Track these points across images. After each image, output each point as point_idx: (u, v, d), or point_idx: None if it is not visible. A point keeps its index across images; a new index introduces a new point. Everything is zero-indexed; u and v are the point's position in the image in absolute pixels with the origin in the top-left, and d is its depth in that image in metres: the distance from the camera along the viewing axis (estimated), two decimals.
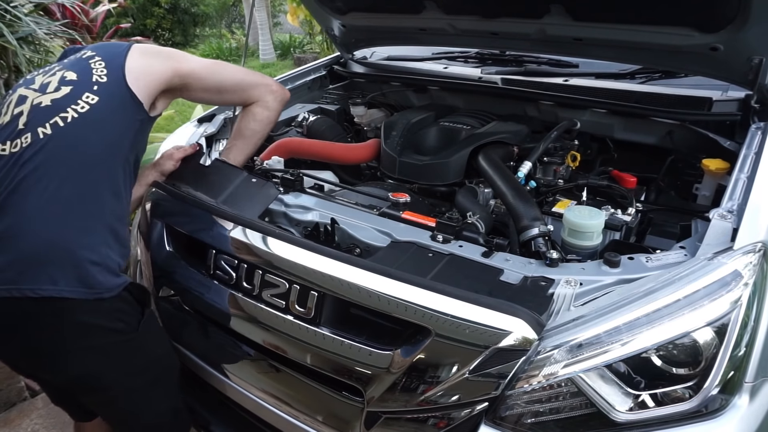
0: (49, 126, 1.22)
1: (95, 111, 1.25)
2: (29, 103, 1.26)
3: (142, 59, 1.35)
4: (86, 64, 1.32)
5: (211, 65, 1.50)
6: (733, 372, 0.97)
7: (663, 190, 1.74)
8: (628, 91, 1.83)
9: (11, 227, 1.16)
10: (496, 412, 1.02)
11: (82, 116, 1.24)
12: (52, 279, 1.14)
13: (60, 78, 1.29)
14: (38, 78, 1.33)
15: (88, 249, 1.18)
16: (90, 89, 1.27)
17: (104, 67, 1.31)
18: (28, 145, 1.20)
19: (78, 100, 1.25)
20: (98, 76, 1.30)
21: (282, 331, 1.24)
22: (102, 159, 1.25)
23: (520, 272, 1.17)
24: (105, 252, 1.21)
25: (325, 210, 1.49)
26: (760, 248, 1.04)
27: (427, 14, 1.87)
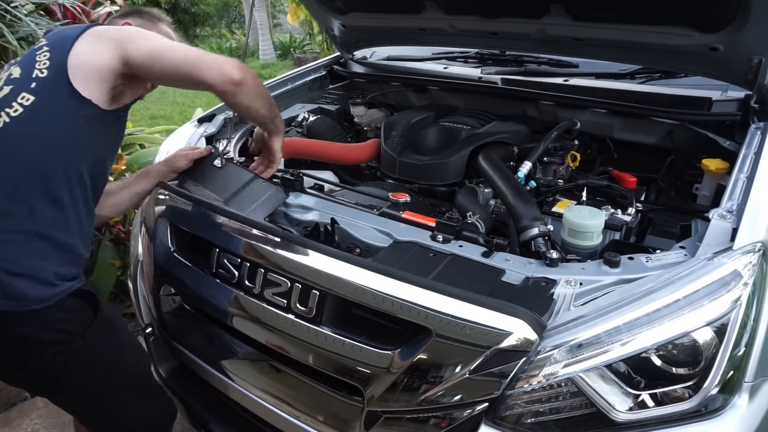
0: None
1: (28, 113, 1.16)
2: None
3: (88, 47, 1.21)
4: (32, 56, 1.22)
5: (159, 48, 1.25)
6: (732, 372, 0.97)
7: (663, 190, 1.74)
8: (628, 91, 1.83)
9: None
10: (497, 412, 1.02)
11: (14, 120, 1.16)
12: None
13: (7, 76, 1.23)
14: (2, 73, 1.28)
15: (9, 261, 1.12)
16: (27, 88, 1.18)
17: (48, 58, 1.20)
18: None
19: (13, 102, 1.17)
20: (39, 71, 1.19)
21: (283, 330, 1.24)
22: (34, 166, 1.16)
23: (521, 272, 1.17)
24: (33, 263, 1.15)
25: (325, 210, 1.49)
26: (759, 248, 1.04)
27: (427, 14, 1.88)
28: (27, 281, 1.13)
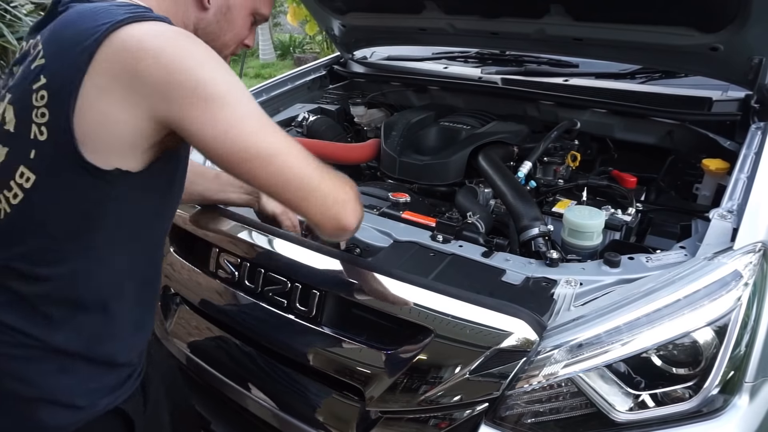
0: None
1: (32, 200, 0.79)
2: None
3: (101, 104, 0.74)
4: (28, 91, 0.78)
5: (236, 152, 0.78)
6: (733, 372, 0.97)
7: (663, 190, 1.74)
8: (628, 91, 1.83)
9: None
10: (497, 412, 1.02)
11: (15, 210, 0.80)
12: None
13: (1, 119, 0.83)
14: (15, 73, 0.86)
15: (21, 381, 0.84)
16: (26, 157, 0.78)
17: (46, 105, 0.76)
18: None
19: (11, 180, 0.79)
20: (36, 128, 0.77)
21: (283, 331, 1.24)
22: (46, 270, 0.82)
23: (521, 272, 1.17)
24: (52, 383, 0.85)
25: None
26: (760, 248, 1.04)
27: (427, 14, 1.87)
28: (44, 407, 0.85)
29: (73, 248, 0.82)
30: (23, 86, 0.79)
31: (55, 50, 0.77)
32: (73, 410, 0.87)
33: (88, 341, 0.87)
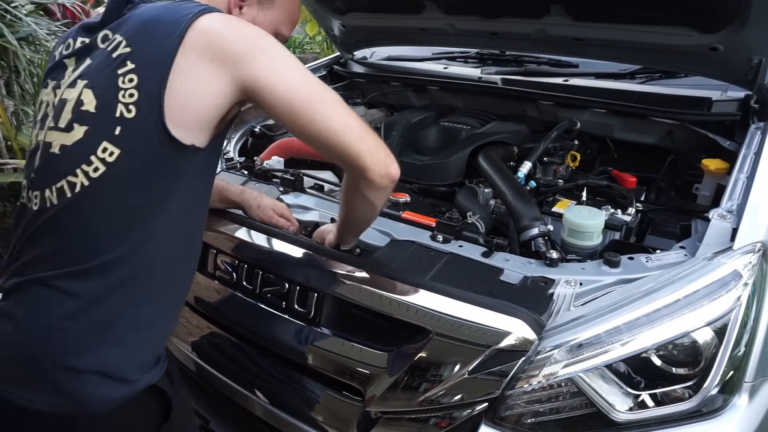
0: (56, 192, 0.89)
1: (114, 173, 0.87)
2: (44, 132, 0.93)
3: (194, 71, 0.85)
4: (112, 76, 0.87)
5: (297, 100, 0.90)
6: (732, 372, 0.97)
7: (663, 190, 1.74)
8: (628, 91, 1.83)
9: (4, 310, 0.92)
10: (496, 412, 1.02)
11: (94, 183, 0.87)
12: (26, 383, 0.87)
13: (76, 103, 0.89)
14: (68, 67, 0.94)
15: (72, 354, 0.87)
16: (110, 134, 0.86)
17: (135, 86, 0.86)
18: (37, 210, 0.91)
19: (91, 156, 0.86)
20: (123, 107, 0.86)
21: (281, 331, 1.24)
22: (118, 237, 0.88)
23: (520, 272, 1.17)
24: (102, 354, 0.89)
25: (325, 210, 1.49)
26: (759, 248, 1.04)
27: (427, 14, 1.88)
28: (92, 378, 0.88)
29: (139, 222, 0.89)
30: (105, 72, 0.88)
31: (142, 40, 0.88)
32: (119, 383, 0.90)
33: (138, 314, 0.92)
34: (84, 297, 0.88)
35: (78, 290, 0.88)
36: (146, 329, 0.95)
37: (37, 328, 0.88)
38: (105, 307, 0.89)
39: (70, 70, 0.95)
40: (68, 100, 0.91)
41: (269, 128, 2.05)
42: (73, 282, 0.88)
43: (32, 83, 2.82)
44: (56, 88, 0.95)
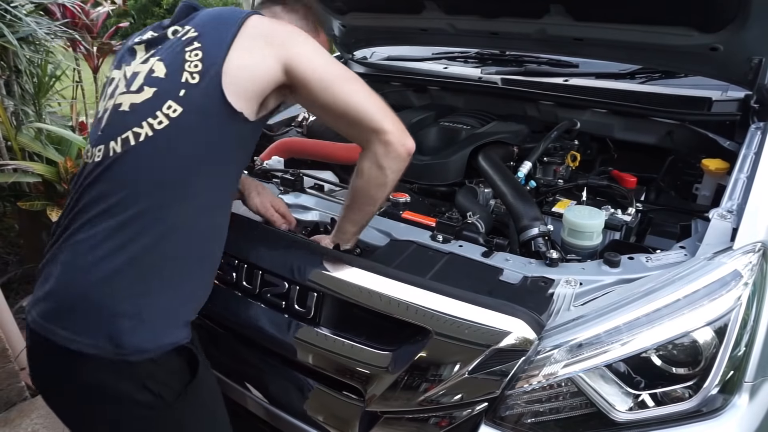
0: (120, 142, 1.00)
1: (174, 127, 1.00)
2: (114, 98, 1.06)
3: (247, 54, 1.02)
4: (181, 51, 1.04)
5: (330, 75, 1.06)
6: (732, 372, 0.97)
7: (663, 190, 1.74)
8: (628, 91, 1.83)
9: (57, 258, 1.01)
10: (496, 412, 1.02)
11: (157, 134, 0.99)
12: (73, 326, 0.96)
13: (148, 72, 1.04)
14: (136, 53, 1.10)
15: (117, 297, 0.96)
16: (174, 95, 1.00)
17: (200, 59, 1.02)
18: (99, 161, 1.01)
19: (157, 111, 1.00)
20: (189, 74, 1.01)
21: (281, 331, 1.24)
22: (171, 193, 0.99)
23: (520, 272, 1.17)
24: (142, 302, 0.97)
25: (325, 210, 1.49)
26: (759, 248, 1.04)
27: (427, 14, 1.88)
28: (132, 324, 0.96)
29: (185, 174, 1.01)
30: (174, 50, 1.05)
31: (208, 28, 1.06)
32: (154, 335, 0.98)
33: (175, 274, 1.01)
34: (126, 244, 0.96)
35: (122, 236, 0.96)
36: (180, 290, 1.03)
37: (80, 268, 0.97)
38: (145, 259, 0.97)
39: (140, 54, 1.10)
40: (140, 72, 1.06)
41: (269, 128, 2.05)
42: (118, 228, 0.96)
43: (32, 83, 2.82)
44: (126, 65, 1.10)
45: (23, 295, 2.70)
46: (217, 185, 1.06)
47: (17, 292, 2.74)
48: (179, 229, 1.00)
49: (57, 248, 1.03)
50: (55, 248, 1.03)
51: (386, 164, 1.11)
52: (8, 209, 2.97)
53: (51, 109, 3.26)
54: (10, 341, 2.14)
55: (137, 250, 0.96)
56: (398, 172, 1.15)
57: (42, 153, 2.64)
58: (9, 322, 2.18)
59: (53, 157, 2.63)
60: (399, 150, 1.10)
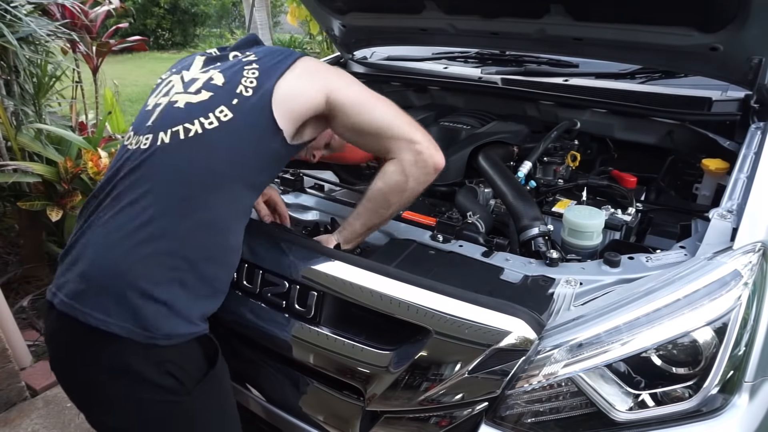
0: (170, 134, 1.08)
1: (222, 129, 1.08)
2: (169, 96, 1.15)
3: (298, 80, 1.15)
4: (240, 69, 1.15)
5: (362, 100, 1.19)
6: (732, 371, 0.97)
7: (663, 190, 1.74)
8: (628, 91, 1.83)
9: (89, 240, 1.05)
10: (497, 412, 1.02)
11: (206, 133, 1.07)
12: (105, 308, 0.99)
13: (207, 79, 1.15)
14: (195, 64, 1.22)
15: (152, 282, 1.01)
16: (228, 102, 1.10)
17: (256, 78, 1.13)
18: (145, 148, 1.08)
19: (210, 112, 1.09)
20: (244, 88, 1.12)
21: (282, 331, 1.24)
22: (208, 185, 1.07)
23: (520, 272, 1.17)
24: (174, 290, 1.02)
25: (325, 209, 1.49)
26: (759, 248, 1.04)
27: (427, 14, 1.87)
28: (162, 310, 1.01)
29: (228, 175, 1.09)
30: (234, 67, 1.17)
31: (266, 56, 1.19)
32: (182, 322, 1.04)
33: (205, 265, 1.06)
34: (165, 232, 1.02)
35: (160, 223, 1.02)
36: (209, 282, 1.09)
37: (117, 251, 1.01)
38: (181, 249, 1.03)
39: (200, 64, 1.22)
40: (200, 78, 1.16)
41: None
42: (157, 215, 1.02)
43: (32, 83, 2.82)
44: (185, 70, 1.21)
45: (23, 295, 2.70)
46: (248, 190, 1.14)
47: (17, 292, 2.74)
48: (213, 225, 1.07)
49: (89, 230, 1.06)
50: (87, 230, 1.07)
51: (411, 172, 1.19)
52: (8, 209, 2.97)
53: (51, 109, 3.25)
54: (10, 341, 2.14)
55: (174, 238, 1.03)
56: (421, 184, 1.22)
57: (42, 153, 2.64)
58: (9, 322, 2.18)
59: (53, 157, 2.63)
60: (428, 161, 1.18)
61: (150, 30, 12.60)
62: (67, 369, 1.11)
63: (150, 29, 12.62)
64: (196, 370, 1.08)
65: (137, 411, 1.05)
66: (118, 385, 1.03)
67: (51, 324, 1.09)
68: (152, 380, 1.02)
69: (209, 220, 1.07)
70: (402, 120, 1.20)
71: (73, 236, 1.10)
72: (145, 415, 1.06)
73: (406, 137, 1.18)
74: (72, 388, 1.14)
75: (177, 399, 1.05)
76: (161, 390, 1.03)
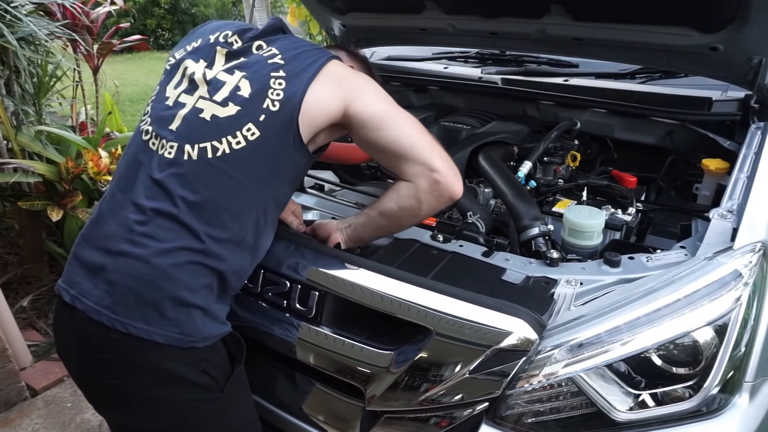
0: (197, 150, 1.06)
1: (250, 149, 1.07)
2: (194, 99, 1.12)
3: (322, 90, 1.11)
4: (267, 75, 1.11)
5: (383, 116, 1.14)
6: (733, 371, 0.97)
7: (663, 190, 1.74)
8: (628, 91, 1.83)
9: (117, 246, 1.04)
10: (497, 412, 1.02)
11: (234, 153, 1.06)
12: (145, 317, 1.01)
13: (234, 88, 1.11)
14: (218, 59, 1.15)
15: (188, 289, 1.03)
16: (255, 118, 1.08)
17: (283, 89, 1.09)
18: (170, 160, 1.07)
19: (237, 131, 1.07)
20: (270, 101, 1.09)
21: (282, 330, 1.24)
22: (235, 200, 1.07)
23: (521, 272, 1.17)
24: (206, 295, 1.06)
25: (325, 209, 1.50)
26: (759, 248, 1.04)
27: (427, 14, 1.87)
28: (200, 314, 1.05)
29: (256, 193, 1.10)
30: (261, 72, 1.12)
31: (293, 59, 1.13)
32: (216, 323, 1.09)
33: (233, 267, 1.09)
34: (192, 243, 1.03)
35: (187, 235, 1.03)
36: (232, 288, 1.13)
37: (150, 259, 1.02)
38: (209, 261, 1.05)
39: (221, 60, 1.16)
40: (226, 82, 1.12)
41: None
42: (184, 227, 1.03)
43: (32, 83, 2.82)
44: (207, 68, 1.15)
45: (23, 295, 2.70)
46: (274, 205, 1.15)
47: (17, 292, 2.74)
48: (242, 243, 1.09)
49: (113, 237, 1.05)
50: (108, 236, 1.06)
51: (426, 200, 1.15)
52: (8, 209, 2.97)
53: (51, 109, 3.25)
54: (10, 341, 2.14)
55: (204, 253, 1.04)
56: (435, 209, 1.19)
57: (42, 153, 2.64)
58: (9, 322, 2.18)
59: (53, 157, 2.63)
60: (443, 192, 1.14)
61: (150, 30, 12.62)
62: (96, 375, 1.09)
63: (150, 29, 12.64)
64: (225, 366, 1.13)
65: (177, 412, 1.08)
66: (155, 389, 1.05)
67: (75, 330, 1.07)
68: (192, 380, 1.06)
69: (238, 238, 1.08)
70: (424, 142, 1.14)
71: (91, 230, 1.10)
72: (186, 415, 1.09)
73: (426, 163, 1.12)
74: (100, 393, 1.12)
75: (212, 396, 1.09)
76: (199, 389, 1.07)
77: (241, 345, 1.17)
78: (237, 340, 1.17)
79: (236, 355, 1.17)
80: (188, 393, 1.07)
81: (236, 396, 1.15)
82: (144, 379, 1.04)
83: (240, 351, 1.17)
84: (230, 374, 1.13)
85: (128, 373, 1.04)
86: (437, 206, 1.18)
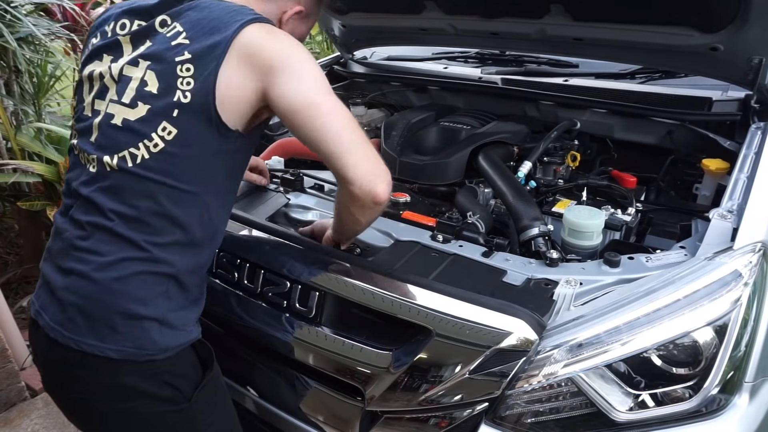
0: (117, 160, 0.99)
1: (169, 149, 0.98)
2: (105, 102, 1.03)
3: (234, 72, 0.98)
4: (173, 64, 0.99)
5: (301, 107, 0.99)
6: (733, 372, 0.97)
7: (663, 190, 1.74)
8: (628, 91, 1.83)
9: (60, 264, 1.03)
10: (497, 412, 1.02)
11: (153, 157, 0.98)
12: (98, 334, 0.98)
13: (140, 83, 1.00)
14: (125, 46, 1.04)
15: (139, 301, 0.99)
16: (169, 115, 0.98)
17: (192, 75, 0.98)
18: (94, 174, 1.01)
19: (153, 132, 0.98)
20: (181, 92, 0.98)
21: (282, 330, 1.24)
22: (170, 209, 0.99)
23: (521, 272, 1.17)
24: (163, 304, 1.01)
25: (325, 210, 1.49)
26: (760, 248, 1.04)
27: (427, 14, 1.87)
28: (155, 326, 1.00)
29: (190, 191, 1.01)
30: (165, 58, 1.00)
31: (199, 35, 0.99)
32: (175, 332, 1.04)
33: (186, 268, 1.04)
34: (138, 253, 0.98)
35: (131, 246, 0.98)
36: (192, 289, 1.07)
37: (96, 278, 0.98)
38: (157, 267, 1.00)
39: (128, 48, 1.05)
40: (132, 78, 1.01)
41: (269, 128, 2.05)
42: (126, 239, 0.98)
43: (32, 83, 2.82)
44: (113, 62, 1.05)
45: (23, 295, 2.70)
46: (220, 197, 1.08)
47: (17, 292, 2.74)
48: (191, 243, 1.03)
49: (62, 253, 1.03)
50: (59, 252, 1.04)
51: (354, 211, 1.07)
52: (8, 209, 2.97)
53: (51, 109, 3.25)
54: (10, 341, 2.15)
55: (151, 259, 0.99)
56: (371, 217, 1.11)
57: (42, 153, 2.64)
58: (9, 322, 2.18)
59: (53, 157, 2.63)
60: (364, 200, 1.01)
61: None
62: (61, 391, 1.09)
63: None
64: (193, 375, 1.08)
65: (141, 426, 1.05)
66: (117, 404, 1.02)
67: (39, 344, 1.06)
68: (152, 394, 1.02)
69: (184, 240, 1.02)
70: (344, 144, 0.98)
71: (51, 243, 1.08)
72: (150, 428, 1.06)
73: (342, 173, 0.99)
74: (70, 408, 1.12)
75: (177, 407, 1.05)
76: (161, 401, 1.03)
77: (210, 352, 1.13)
78: (205, 347, 1.12)
79: (207, 361, 1.12)
80: (151, 406, 1.03)
81: (207, 403, 1.11)
82: (105, 394, 1.02)
83: (210, 358, 1.13)
84: (200, 382, 1.08)
85: (89, 389, 1.02)
86: (369, 215, 1.09)
